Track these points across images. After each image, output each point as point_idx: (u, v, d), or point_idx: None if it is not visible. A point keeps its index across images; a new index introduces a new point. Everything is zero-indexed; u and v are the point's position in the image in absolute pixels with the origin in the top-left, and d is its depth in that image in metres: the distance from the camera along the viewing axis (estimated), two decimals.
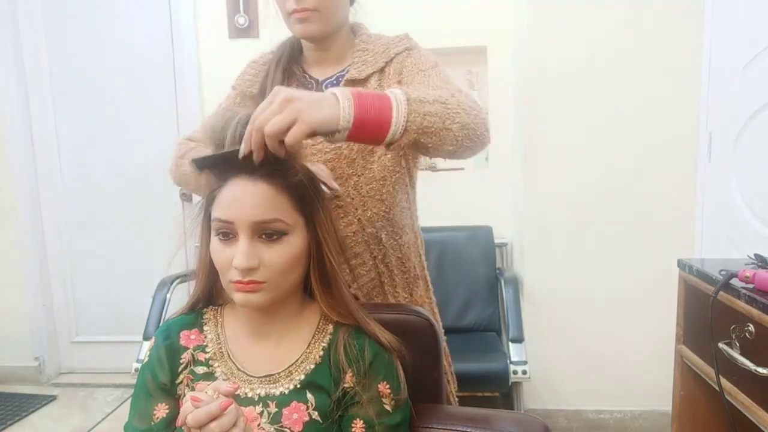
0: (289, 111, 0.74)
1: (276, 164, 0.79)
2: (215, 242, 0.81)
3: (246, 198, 0.78)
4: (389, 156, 1.06)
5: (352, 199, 1.05)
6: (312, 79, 1.13)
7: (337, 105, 0.77)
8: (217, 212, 0.80)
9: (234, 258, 0.77)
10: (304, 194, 0.82)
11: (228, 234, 0.79)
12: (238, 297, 0.79)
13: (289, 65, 1.13)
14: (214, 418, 0.63)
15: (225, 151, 0.79)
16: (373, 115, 0.80)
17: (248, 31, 2.66)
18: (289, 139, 0.74)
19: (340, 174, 1.03)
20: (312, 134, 0.76)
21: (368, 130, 0.80)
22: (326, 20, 1.04)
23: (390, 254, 1.11)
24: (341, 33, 1.12)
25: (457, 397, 1.29)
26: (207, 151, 0.94)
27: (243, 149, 0.76)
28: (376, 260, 1.10)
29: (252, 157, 0.76)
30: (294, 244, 0.80)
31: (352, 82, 1.08)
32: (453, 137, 0.88)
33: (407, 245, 1.14)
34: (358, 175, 1.05)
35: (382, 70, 1.09)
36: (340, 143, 1.01)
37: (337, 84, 1.11)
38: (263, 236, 0.79)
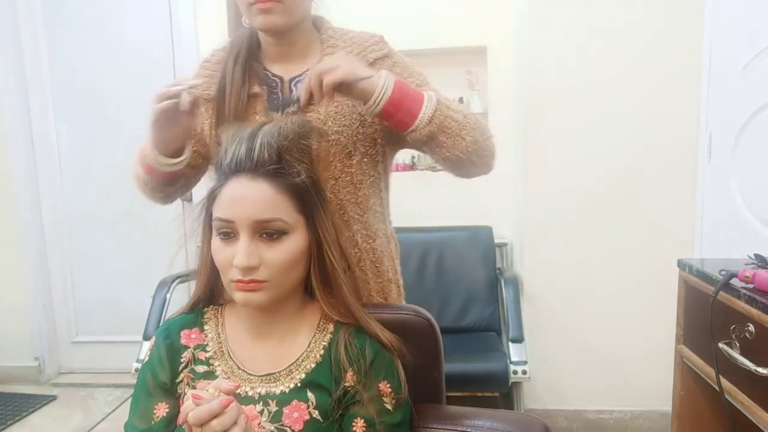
0: (338, 60, 0.92)
1: (277, 164, 0.79)
2: (216, 241, 0.81)
3: (247, 197, 0.78)
4: (366, 160, 1.06)
5: (329, 202, 1.04)
6: (276, 77, 1.08)
7: (379, 77, 0.93)
8: (218, 211, 0.80)
9: (234, 257, 0.77)
10: (305, 194, 0.82)
11: (229, 233, 0.79)
12: (238, 296, 0.80)
13: (249, 62, 1.06)
14: (215, 416, 0.63)
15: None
16: (407, 100, 0.94)
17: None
18: (328, 77, 0.89)
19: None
20: (349, 89, 0.92)
21: (401, 110, 0.94)
22: (289, 12, 0.99)
23: (365, 257, 1.10)
24: (304, 26, 1.06)
25: (457, 397, 1.29)
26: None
27: (300, 97, 0.94)
28: (346, 271, 1.09)
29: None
30: (294, 243, 0.80)
31: None
32: (465, 147, 0.99)
33: (380, 249, 1.13)
34: (335, 179, 1.04)
35: None
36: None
37: None
38: (264, 235, 0.79)
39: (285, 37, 1.05)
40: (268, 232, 0.79)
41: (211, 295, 0.91)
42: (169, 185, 1.06)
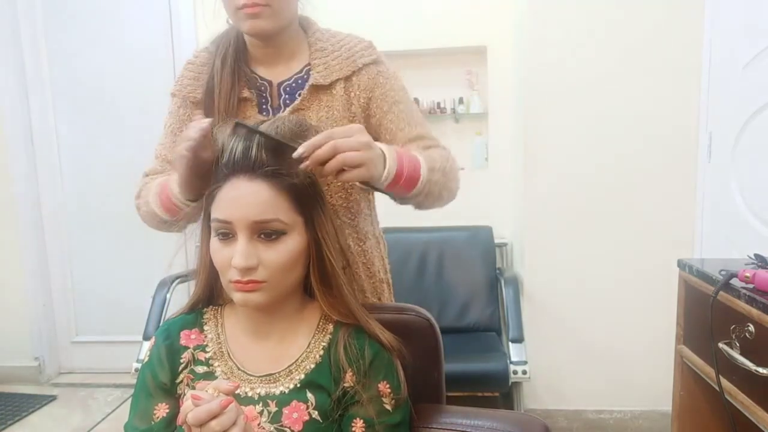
0: (365, 155, 0.81)
1: (275, 165, 0.79)
2: (215, 242, 0.81)
3: (244, 198, 0.78)
4: None
5: (328, 203, 1.04)
6: (264, 80, 1.06)
7: (383, 162, 0.87)
8: (216, 212, 0.80)
9: (233, 258, 0.77)
10: (303, 194, 0.82)
11: (227, 234, 0.79)
12: (237, 296, 0.80)
13: (237, 64, 1.04)
14: (214, 417, 0.63)
15: (283, 140, 0.81)
16: (404, 181, 0.92)
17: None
18: (351, 176, 0.81)
19: None
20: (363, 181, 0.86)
21: (397, 191, 0.93)
22: (277, 15, 0.98)
23: (357, 260, 1.11)
24: (291, 28, 1.05)
25: (457, 397, 1.29)
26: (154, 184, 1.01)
27: (303, 151, 0.79)
28: (345, 269, 1.09)
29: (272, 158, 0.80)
30: (293, 243, 0.80)
31: (316, 88, 1.03)
32: (440, 202, 1.03)
33: (370, 251, 1.14)
34: (327, 184, 1.04)
35: (348, 78, 1.05)
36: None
37: (297, 88, 1.05)
38: (262, 236, 0.79)
39: (272, 40, 1.03)
40: (266, 232, 0.78)
41: (211, 295, 0.91)
42: (186, 220, 1.03)
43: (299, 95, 1.04)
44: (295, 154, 0.79)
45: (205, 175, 0.88)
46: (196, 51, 1.11)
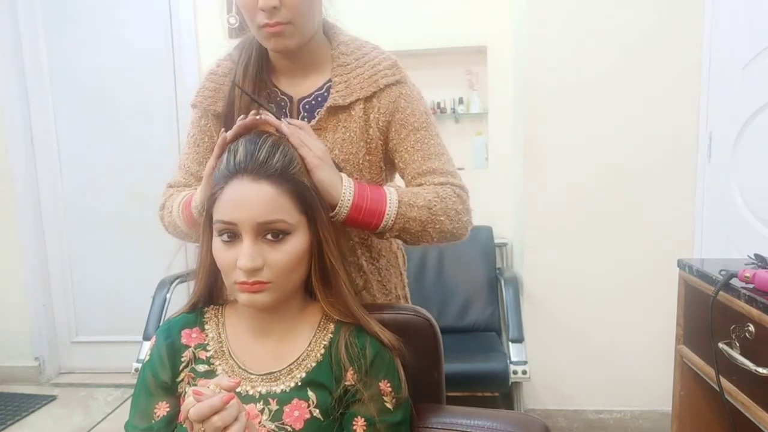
0: (321, 161, 0.85)
1: (279, 164, 0.79)
2: (218, 243, 0.81)
3: (249, 199, 0.78)
4: (367, 178, 1.04)
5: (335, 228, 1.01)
6: (285, 95, 1.03)
7: (340, 185, 0.89)
8: (219, 214, 0.80)
9: (238, 259, 0.77)
10: (306, 194, 0.82)
11: (232, 235, 0.79)
12: (243, 297, 0.80)
13: (259, 75, 1.01)
14: (216, 412, 0.63)
15: (262, 102, 0.91)
16: (368, 206, 0.92)
17: (240, 31, 2.66)
18: (302, 152, 0.84)
19: None
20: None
21: (363, 218, 0.92)
22: (301, 32, 0.95)
23: (371, 279, 1.09)
24: (315, 38, 1.01)
25: (457, 397, 1.29)
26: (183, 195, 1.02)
27: (278, 122, 0.86)
28: (358, 287, 1.06)
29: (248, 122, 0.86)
30: (297, 243, 0.80)
31: (335, 109, 1.00)
32: (429, 238, 0.98)
33: (385, 268, 1.12)
34: None
35: (368, 99, 1.00)
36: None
37: (317, 106, 1.02)
38: (268, 237, 0.79)
39: (296, 53, 1.00)
40: (272, 233, 0.78)
41: (210, 295, 0.91)
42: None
43: (317, 114, 1.01)
44: (263, 118, 0.86)
45: None
46: (218, 60, 1.07)
